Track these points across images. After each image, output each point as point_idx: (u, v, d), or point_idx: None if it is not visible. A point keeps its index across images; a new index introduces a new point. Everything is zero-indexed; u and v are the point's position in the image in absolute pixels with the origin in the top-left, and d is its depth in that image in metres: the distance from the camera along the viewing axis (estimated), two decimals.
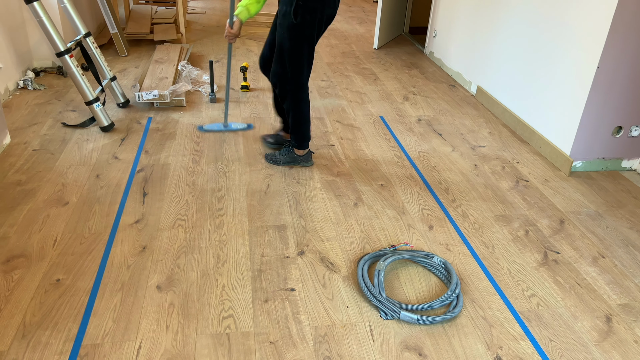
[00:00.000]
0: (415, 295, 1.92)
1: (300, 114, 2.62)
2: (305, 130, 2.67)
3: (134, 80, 3.83)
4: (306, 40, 2.39)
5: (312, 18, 2.33)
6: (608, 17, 2.49)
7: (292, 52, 2.42)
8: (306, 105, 2.62)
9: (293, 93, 2.55)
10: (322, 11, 2.36)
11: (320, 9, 2.34)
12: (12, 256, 1.99)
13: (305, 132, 2.68)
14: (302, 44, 2.40)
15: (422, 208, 2.46)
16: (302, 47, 2.41)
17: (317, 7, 2.33)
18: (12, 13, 3.51)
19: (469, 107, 3.68)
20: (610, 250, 2.24)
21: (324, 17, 2.39)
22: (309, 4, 2.31)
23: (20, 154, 2.73)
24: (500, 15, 3.50)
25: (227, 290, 1.89)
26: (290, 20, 2.33)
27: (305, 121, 2.65)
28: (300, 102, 2.59)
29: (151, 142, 2.93)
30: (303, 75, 2.51)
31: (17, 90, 3.52)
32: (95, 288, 1.86)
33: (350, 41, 5.20)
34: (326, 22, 2.45)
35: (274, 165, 2.75)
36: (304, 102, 2.60)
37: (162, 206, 2.36)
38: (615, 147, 2.84)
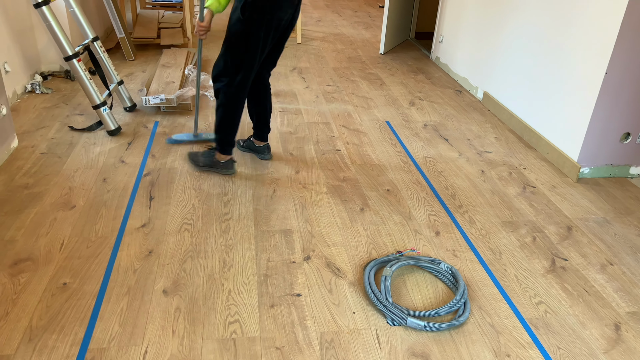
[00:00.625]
0: (422, 302, 1.91)
1: (228, 116, 2.52)
2: (229, 134, 2.57)
3: (140, 85, 3.84)
4: (251, 38, 2.31)
5: (259, 18, 2.27)
6: (616, 24, 2.49)
7: (234, 48, 2.35)
8: (238, 108, 2.51)
9: (225, 92, 2.46)
10: (272, 13, 2.28)
11: (269, 10, 2.26)
12: (19, 259, 2.00)
13: (230, 137, 2.58)
14: (245, 43, 2.32)
15: (428, 214, 2.45)
16: (245, 45, 2.32)
17: (266, 7, 2.25)
18: (21, 17, 3.53)
19: (475, 113, 3.68)
20: (618, 257, 2.22)
21: (273, 20, 2.30)
22: (258, 3, 2.24)
23: (28, 157, 2.74)
24: (507, 21, 3.50)
25: (234, 295, 1.89)
26: (238, 16, 2.28)
27: (233, 125, 2.54)
28: (232, 103, 2.48)
29: (158, 146, 2.94)
30: (239, 74, 2.40)
31: (25, 94, 3.54)
32: (101, 292, 1.86)
33: (356, 46, 5.21)
34: (277, 26, 2.35)
35: (193, 165, 2.69)
36: (237, 104, 2.50)
37: (168, 210, 2.36)
38: (623, 153, 2.83)
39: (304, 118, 3.43)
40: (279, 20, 2.34)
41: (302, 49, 5.03)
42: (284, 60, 4.62)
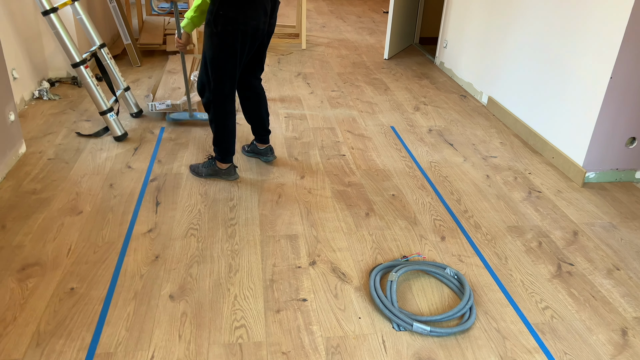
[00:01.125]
0: (427, 307, 1.91)
1: (222, 126, 2.55)
2: (228, 144, 2.60)
3: (147, 91, 3.87)
4: (228, 50, 2.32)
5: (233, 29, 2.27)
6: (621, 28, 2.49)
7: (214, 61, 2.36)
8: (229, 117, 2.54)
9: (215, 104, 2.49)
10: (245, 22, 2.28)
11: (241, 20, 2.26)
12: (27, 264, 2.02)
13: (228, 146, 2.60)
14: (223, 54, 2.34)
15: (434, 219, 2.45)
16: (224, 57, 2.34)
17: (237, 17, 2.25)
18: (29, 24, 3.57)
19: (480, 118, 3.68)
20: (625, 262, 2.21)
21: (247, 29, 2.30)
22: (229, 14, 2.25)
23: (36, 163, 2.77)
24: (512, 25, 3.51)
25: (240, 300, 1.89)
26: (211, 29, 2.30)
27: (228, 134, 2.58)
28: (222, 114, 2.52)
29: (164, 152, 2.96)
30: (225, 86, 2.43)
31: (33, 100, 3.57)
32: (108, 297, 1.87)
33: (361, 52, 5.23)
34: (253, 35, 2.34)
35: (196, 176, 2.70)
36: (227, 114, 2.52)
37: (174, 215, 2.37)
38: (629, 158, 2.82)
39: (309, 123, 3.45)
40: (254, 29, 2.33)
41: (306, 54, 5.05)
42: (288, 66, 4.64)
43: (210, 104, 2.50)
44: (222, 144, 2.60)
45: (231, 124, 2.57)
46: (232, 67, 2.38)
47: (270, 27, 2.46)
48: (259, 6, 2.29)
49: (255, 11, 2.29)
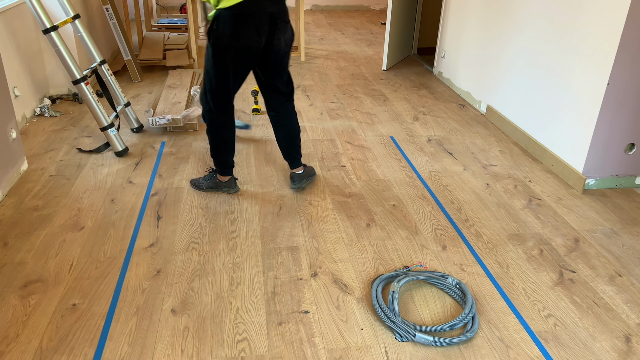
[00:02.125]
0: (430, 317, 1.91)
1: (218, 139, 2.55)
2: (225, 156, 2.59)
3: (147, 106, 3.90)
4: (220, 64, 2.33)
5: (223, 45, 2.26)
6: (616, 35, 2.51)
7: (209, 73, 2.38)
8: (224, 129, 2.53)
9: (209, 116, 2.50)
10: (236, 39, 2.24)
11: (232, 37, 2.24)
12: (29, 281, 2.02)
13: (226, 158, 2.60)
14: (216, 67, 2.34)
15: (435, 228, 2.45)
16: (216, 70, 2.35)
17: (228, 34, 2.23)
18: (30, 42, 3.61)
19: (479, 126, 3.69)
20: (627, 268, 2.21)
21: (238, 46, 2.26)
22: (221, 30, 2.24)
23: (37, 179, 2.78)
24: (508, 34, 3.53)
25: (241, 313, 1.89)
26: (207, 41, 2.31)
27: (224, 146, 2.57)
28: (217, 125, 2.52)
29: (165, 166, 2.97)
30: (219, 98, 2.43)
31: (34, 117, 3.60)
32: (110, 312, 1.87)
33: (359, 63, 5.26)
34: (245, 53, 2.30)
35: (197, 190, 2.71)
36: (221, 126, 2.52)
37: (176, 229, 2.38)
38: (629, 164, 2.83)
39: (308, 135, 3.46)
40: (245, 48, 2.29)
41: (305, 67, 5.09)
42: None
43: (205, 114, 2.52)
44: (219, 156, 2.60)
45: (227, 136, 2.57)
46: (224, 80, 2.37)
47: (274, 47, 2.35)
48: (251, 26, 2.25)
49: (246, 30, 2.24)
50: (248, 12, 2.22)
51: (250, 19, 2.24)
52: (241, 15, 2.22)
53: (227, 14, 2.22)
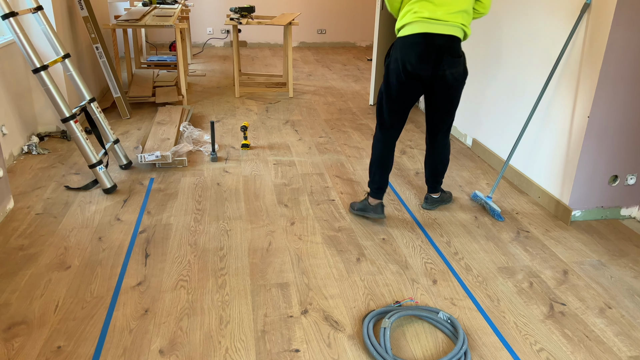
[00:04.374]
0: (422, 353, 1.89)
1: (373, 153, 2.78)
2: (375, 176, 2.78)
3: (136, 142, 3.91)
4: (387, 84, 2.59)
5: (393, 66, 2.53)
6: (596, 69, 2.59)
7: (380, 92, 2.66)
8: (380, 147, 2.74)
9: (374, 133, 2.81)
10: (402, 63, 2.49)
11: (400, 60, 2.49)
12: (13, 323, 1.97)
13: (374, 177, 2.78)
14: (384, 87, 2.62)
15: (425, 262, 2.45)
16: (384, 89, 2.62)
17: (397, 57, 2.51)
18: (19, 81, 3.63)
19: (465, 159, 3.74)
20: (616, 300, 2.22)
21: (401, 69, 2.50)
22: (394, 54, 2.54)
23: (23, 218, 2.75)
24: (491, 69, 3.63)
25: (231, 353, 1.86)
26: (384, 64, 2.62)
27: (376, 167, 2.76)
28: (375, 141, 2.77)
29: (153, 203, 2.96)
30: (383, 115, 2.68)
31: (22, 155, 3.58)
32: (97, 354, 1.83)
33: (347, 98, 5.35)
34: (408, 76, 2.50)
35: (351, 210, 2.89)
36: (378, 142, 2.75)
37: (164, 267, 2.35)
38: (613, 195, 2.87)
39: (297, 169, 3.48)
40: (407, 72, 2.50)
41: (294, 102, 5.15)
42: (276, 114, 4.73)
43: (375, 133, 2.78)
44: (371, 173, 2.79)
45: (380, 157, 2.74)
46: (390, 101, 2.62)
47: (439, 77, 2.51)
48: (413, 53, 2.46)
49: (409, 56, 2.47)
50: (417, 41, 2.45)
51: (417, 47, 2.46)
52: (410, 44, 2.47)
53: (399, 42, 2.51)
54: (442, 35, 2.44)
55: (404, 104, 2.62)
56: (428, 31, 2.43)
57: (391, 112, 2.64)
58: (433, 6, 2.42)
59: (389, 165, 2.77)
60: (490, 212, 2.91)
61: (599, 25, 2.57)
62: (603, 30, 2.53)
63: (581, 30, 2.69)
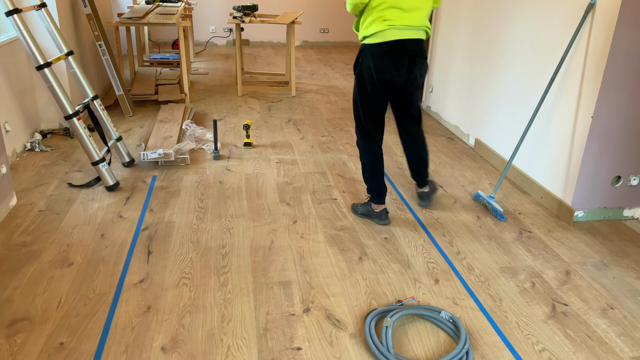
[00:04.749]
0: (424, 352, 1.89)
1: (364, 163, 2.77)
2: (371, 182, 2.76)
3: (139, 140, 3.91)
4: (363, 93, 2.60)
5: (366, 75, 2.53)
6: (600, 69, 2.59)
7: (355, 102, 2.67)
8: (369, 156, 2.73)
9: (358, 141, 2.76)
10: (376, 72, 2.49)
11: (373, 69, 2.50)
12: (15, 319, 1.98)
13: (373, 186, 2.76)
14: (360, 96, 2.62)
15: (427, 261, 2.45)
16: (360, 99, 2.63)
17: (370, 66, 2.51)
18: (22, 78, 3.63)
19: (468, 159, 3.74)
20: (618, 301, 2.21)
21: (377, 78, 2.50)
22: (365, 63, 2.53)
23: (26, 215, 2.75)
24: (495, 69, 3.62)
25: (233, 351, 1.86)
26: (354, 73, 2.64)
27: (368, 172, 2.75)
28: (362, 151, 2.75)
29: (156, 200, 2.96)
30: (364, 125, 2.67)
31: (24, 152, 3.59)
32: (99, 351, 1.83)
33: (349, 97, 5.34)
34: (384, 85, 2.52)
35: (354, 213, 2.88)
36: (366, 151, 2.73)
37: (166, 265, 2.36)
38: (616, 196, 2.87)
39: (300, 168, 3.48)
40: (384, 80, 2.51)
41: (296, 101, 5.15)
42: (279, 113, 4.73)
43: (358, 141, 2.77)
44: (367, 182, 2.79)
45: (372, 162, 2.73)
46: (367, 108, 2.63)
47: (409, 81, 2.56)
48: (388, 61, 2.47)
49: (384, 64, 2.48)
50: (391, 49, 2.46)
51: (392, 55, 2.47)
52: (385, 52, 2.47)
53: (371, 50, 2.49)
54: (413, 40, 2.48)
55: (381, 108, 2.64)
56: (401, 38, 2.45)
57: (371, 119, 2.65)
58: (402, 12, 2.43)
59: (382, 169, 2.76)
60: (493, 212, 2.91)
61: (603, 26, 2.56)
62: (607, 30, 2.53)
63: (585, 31, 2.69)
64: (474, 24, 3.91)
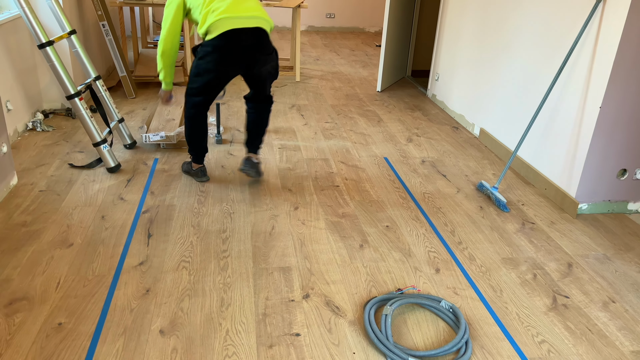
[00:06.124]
0: (423, 341, 1.88)
1: (187, 127, 2.88)
2: (191, 143, 2.92)
3: (141, 122, 3.88)
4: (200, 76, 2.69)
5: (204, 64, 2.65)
6: (610, 59, 2.54)
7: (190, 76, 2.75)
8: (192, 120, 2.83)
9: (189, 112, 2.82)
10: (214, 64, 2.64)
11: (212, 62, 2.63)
12: (14, 299, 1.97)
13: (192, 145, 2.92)
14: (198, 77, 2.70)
15: (428, 250, 2.44)
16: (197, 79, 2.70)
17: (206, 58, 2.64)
18: (24, 57, 3.60)
19: (472, 149, 3.71)
20: (620, 294, 2.20)
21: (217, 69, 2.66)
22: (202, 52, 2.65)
23: (27, 194, 2.74)
24: (501, 59, 3.58)
25: (231, 335, 1.85)
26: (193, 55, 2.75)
27: (190, 136, 2.89)
28: (187, 114, 2.83)
29: (157, 183, 2.95)
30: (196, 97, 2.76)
31: (26, 132, 3.57)
32: (97, 332, 1.83)
33: (354, 84, 5.30)
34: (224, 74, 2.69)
35: (182, 171, 3.07)
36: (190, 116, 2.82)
37: (166, 248, 2.35)
38: (621, 189, 2.84)
39: (302, 154, 3.46)
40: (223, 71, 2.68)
41: (300, 87, 5.11)
42: (283, 98, 4.69)
43: (186, 108, 2.84)
44: (189, 142, 2.93)
45: (197, 126, 2.86)
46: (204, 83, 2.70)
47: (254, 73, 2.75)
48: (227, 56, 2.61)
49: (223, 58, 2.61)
50: (224, 43, 2.57)
51: (226, 49, 2.59)
52: (218, 47, 2.58)
53: (208, 44, 2.60)
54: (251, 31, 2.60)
55: (218, 87, 2.75)
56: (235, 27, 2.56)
57: (206, 92, 2.74)
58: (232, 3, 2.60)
59: (205, 132, 2.90)
60: (496, 203, 2.89)
61: (614, 16, 2.51)
62: (618, 20, 2.48)
63: (595, 20, 2.64)
64: (482, 11, 3.85)
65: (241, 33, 2.57)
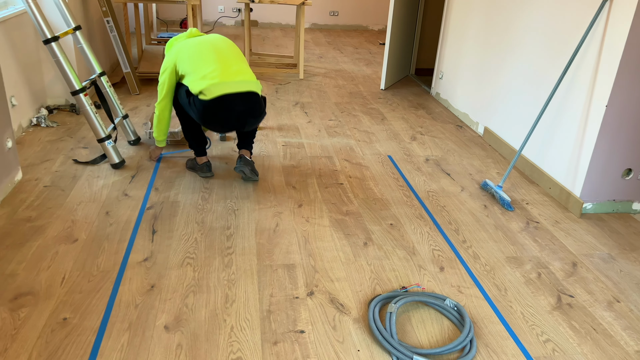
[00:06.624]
0: (427, 339, 1.88)
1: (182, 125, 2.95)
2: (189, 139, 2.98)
3: (145, 118, 3.89)
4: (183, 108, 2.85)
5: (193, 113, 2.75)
6: (617, 56, 2.53)
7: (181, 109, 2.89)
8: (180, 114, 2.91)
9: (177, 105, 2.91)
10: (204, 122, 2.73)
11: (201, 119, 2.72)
12: (19, 294, 1.98)
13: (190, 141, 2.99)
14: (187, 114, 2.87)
15: (432, 249, 2.44)
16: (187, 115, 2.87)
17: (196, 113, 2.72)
18: (29, 52, 3.60)
19: (476, 148, 3.70)
20: (625, 294, 2.20)
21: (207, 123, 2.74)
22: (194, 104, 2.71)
23: (31, 190, 2.75)
24: (506, 57, 3.57)
25: (236, 332, 1.86)
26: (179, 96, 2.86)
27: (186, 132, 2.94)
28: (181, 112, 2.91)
29: (161, 179, 2.95)
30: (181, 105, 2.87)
31: (31, 127, 3.57)
32: (102, 327, 1.83)
33: (358, 82, 5.29)
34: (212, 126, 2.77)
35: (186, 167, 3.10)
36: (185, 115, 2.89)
37: (171, 244, 2.35)
38: (626, 189, 2.83)
39: (306, 152, 3.46)
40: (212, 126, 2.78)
41: (304, 84, 5.11)
42: (286, 96, 4.69)
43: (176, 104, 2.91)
44: (187, 138, 2.98)
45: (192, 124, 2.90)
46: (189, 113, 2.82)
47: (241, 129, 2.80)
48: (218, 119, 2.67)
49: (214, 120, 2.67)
50: (218, 107, 2.62)
51: (219, 113, 2.64)
52: (211, 108, 2.63)
53: (199, 103, 2.63)
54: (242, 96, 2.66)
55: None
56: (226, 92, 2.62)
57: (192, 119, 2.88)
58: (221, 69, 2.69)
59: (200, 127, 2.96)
60: (500, 202, 2.89)
61: (621, 15, 2.50)
62: (625, 18, 2.47)
63: (602, 20, 2.63)
64: (487, 9, 3.84)
65: (235, 97, 2.64)
